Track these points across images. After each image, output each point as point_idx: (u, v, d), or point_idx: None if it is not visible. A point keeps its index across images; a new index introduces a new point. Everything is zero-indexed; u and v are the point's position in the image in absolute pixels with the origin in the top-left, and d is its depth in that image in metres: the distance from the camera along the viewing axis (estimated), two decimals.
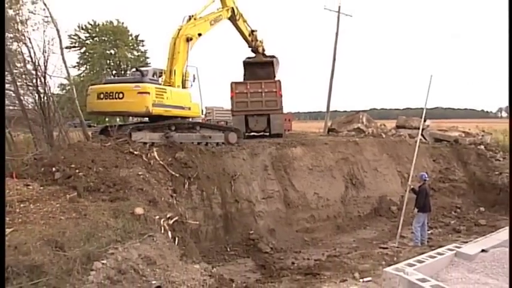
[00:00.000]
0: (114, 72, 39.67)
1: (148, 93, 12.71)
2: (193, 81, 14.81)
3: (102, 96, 13.23)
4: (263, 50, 19.06)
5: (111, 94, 13.03)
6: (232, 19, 16.70)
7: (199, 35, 14.95)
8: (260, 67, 19.25)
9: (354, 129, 22.36)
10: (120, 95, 12.89)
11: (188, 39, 14.38)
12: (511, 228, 7.51)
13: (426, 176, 12.08)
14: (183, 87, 14.49)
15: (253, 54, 19.42)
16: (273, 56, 19.53)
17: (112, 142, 12.15)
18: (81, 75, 38.49)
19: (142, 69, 14.70)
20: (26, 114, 13.37)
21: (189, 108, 14.31)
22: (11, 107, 13.79)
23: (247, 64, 19.42)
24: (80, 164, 10.13)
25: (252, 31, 18.20)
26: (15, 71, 13.25)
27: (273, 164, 14.29)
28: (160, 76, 14.51)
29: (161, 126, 13.48)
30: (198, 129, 14.24)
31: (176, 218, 8.83)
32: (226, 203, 12.72)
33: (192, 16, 14.85)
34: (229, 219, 12.57)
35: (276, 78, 19.07)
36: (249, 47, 18.82)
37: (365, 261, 9.46)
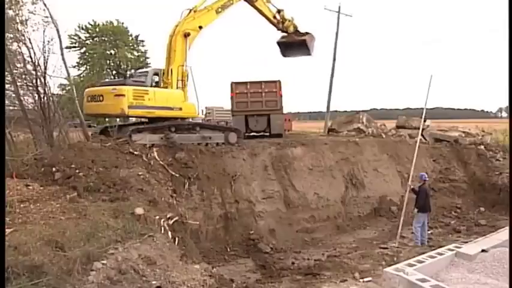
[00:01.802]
0: (114, 72, 39.73)
1: (124, 95, 12.79)
2: (187, 80, 14.41)
3: (89, 98, 13.67)
4: (295, 28, 17.56)
5: (95, 97, 13.44)
6: (249, 0, 15.45)
7: (200, 27, 14.28)
8: (295, 47, 18.13)
9: (354, 129, 22.35)
10: (101, 98, 13.23)
11: (186, 35, 13.94)
12: (511, 229, 7.51)
13: (426, 176, 12.07)
14: (177, 87, 14.23)
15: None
16: (306, 33, 18.03)
17: (112, 142, 12.17)
18: (81, 75, 38.56)
19: (143, 70, 14.68)
20: (26, 115, 13.37)
21: (180, 109, 13.95)
22: (11, 107, 13.80)
23: (281, 44, 18.18)
24: (80, 164, 10.15)
25: (279, 11, 16.84)
26: (15, 71, 13.24)
27: (273, 164, 14.29)
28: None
29: (161, 127, 13.48)
30: (198, 130, 14.23)
31: (176, 218, 8.84)
32: (226, 203, 12.71)
33: (192, 9, 14.28)
34: (230, 219, 12.57)
35: (276, 79, 19.05)
36: (278, 29, 17.44)
37: (365, 261, 9.45)
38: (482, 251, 7.28)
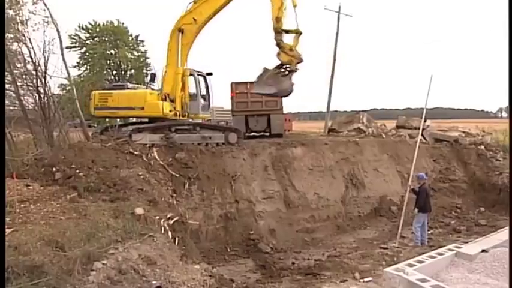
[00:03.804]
0: (114, 72, 39.72)
1: (91, 98, 14.49)
2: (154, 80, 14.77)
3: None
4: (290, 63, 12.39)
5: None
6: None
7: (195, 20, 13.05)
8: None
9: (354, 129, 22.34)
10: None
11: (179, 31, 13.31)
12: (511, 229, 7.51)
13: (424, 175, 12.05)
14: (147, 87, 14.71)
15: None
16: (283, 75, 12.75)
17: (112, 142, 12.18)
18: (81, 75, 38.54)
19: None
20: (26, 115, 13.40)
21: (142, 108, 13.78)
22: (11, 107, 13.83)
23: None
24: (80, 164, 10.17)
25: (296, 31, 12.30)
26: (15, 71, 13.28)
27: (273, 164, 14.28)
28: None
29: (161, 127, 13.49)
30: (198, 130, 14.23)
31: (176, 218, 8.85)
32: (226, 203, 12.71)
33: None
34: (230, 219, 12.56)
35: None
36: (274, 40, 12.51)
37: (365, 262, 9.45)
38: (483, 251, 7.28)
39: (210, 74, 14.96)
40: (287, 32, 12.37)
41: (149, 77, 17.82)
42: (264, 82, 12.86)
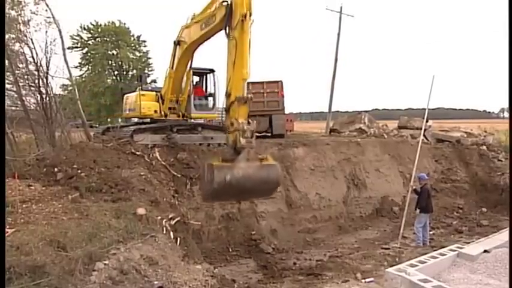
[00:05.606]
0: (116, 72, 39.78)
1: (123, 102, 16.27)
2: (141, 81, 16.49)
3: None
4: (234, 142, 8.09)
5: None
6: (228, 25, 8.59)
7: (182, 41, 12.16)
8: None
9: (355, 129, 22.37)
10: None
11: (174, 43, 12.72)
12: (511, 229, 7.50)
13: (425, 176, 12.03)
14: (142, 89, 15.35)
15: None
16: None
17: (114, 143, 12.18)
18: (83, 75, 38.64)
19: None
20: (28, 115, 13.43)
21: (134, 110, 14.55)
22: (13, 108, 13.88)
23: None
24: (82, 165, 10.17)
25: (243, 98, 8.24)
26: (17, 71, 13.31)
27: None
28: None
29: (163, 127, 13.48)
30: (199, 130, 14.22)
31: (178, 218, 8.84)
32: (228, 204, 12.68)
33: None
34: (231, 219, 12.54)
35: (278, 79, 19.03)
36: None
37: (367, 262, 9.45)
38: (485, 251, 7.25)
39: (213, 70, 14.81)
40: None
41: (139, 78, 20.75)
42: (204, 179, 8.53)
